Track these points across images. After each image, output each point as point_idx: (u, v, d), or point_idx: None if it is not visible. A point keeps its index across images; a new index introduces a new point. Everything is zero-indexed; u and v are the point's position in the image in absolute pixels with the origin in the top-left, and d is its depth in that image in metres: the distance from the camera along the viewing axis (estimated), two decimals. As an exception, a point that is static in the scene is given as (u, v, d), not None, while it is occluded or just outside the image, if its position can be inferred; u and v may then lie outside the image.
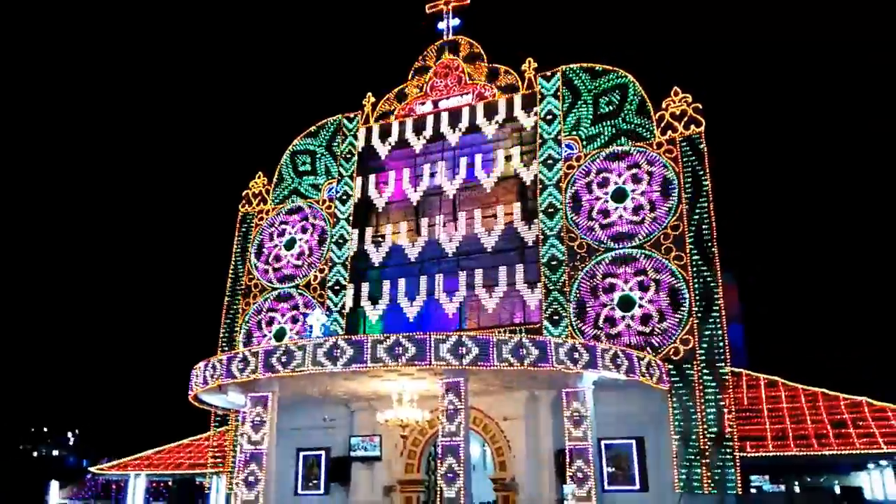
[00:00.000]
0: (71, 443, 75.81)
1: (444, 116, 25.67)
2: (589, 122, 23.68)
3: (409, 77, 26.93)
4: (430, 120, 25.87)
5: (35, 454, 71.24)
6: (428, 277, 24.07)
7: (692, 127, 22.28)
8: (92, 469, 31.98)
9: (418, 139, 25.87)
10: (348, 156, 26.87)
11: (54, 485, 38.32)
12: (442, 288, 23.73)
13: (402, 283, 24.37)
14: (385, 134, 26.55)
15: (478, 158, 24.72)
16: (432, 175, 25.33)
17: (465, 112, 25.39)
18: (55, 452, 73.47)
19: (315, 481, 23.58)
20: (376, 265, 25.13)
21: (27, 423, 69.68)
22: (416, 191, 25.46)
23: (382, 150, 26.45)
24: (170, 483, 34.43)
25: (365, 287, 24.92)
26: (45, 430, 74.35)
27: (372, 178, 26.22)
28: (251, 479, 18.42)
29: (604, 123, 23.46)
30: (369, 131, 26.83)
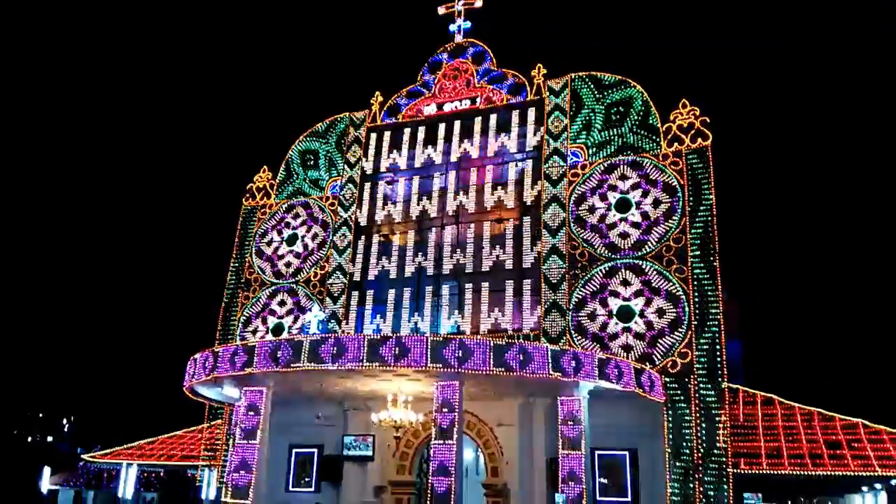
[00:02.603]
0: (66, 430, 75.87)
1: (454, 125, 25.46)
2: (595, 131, 23.62)
3: (418, 78, 26.90)
4: (437, 127, 25.68)
5: (29, 439, 71.27)
6: (428, 286, 23.90)
7: (699, 140, 22.22)
8: (85, 457, 31.97)
9: (424, 147, 25.74)
10: (354, 154, 26.83)
11: (46, 471, 38.29)
12: (441, 297, 23.60)
13: (399, 291, 24.20)
14: (391, 139, 26.41)
15: (482, 170, 24.54)
16: (436, 181, 25.16)
17: (477, 122, 25.17)
18: (49, 438, 73.51)
19: (307, 479, 23.57)
20: (377, 271, 24.93)
21: (22, 409, 69.76)
22: (419, 197, 25.29)
23: (387, 156, 26.27)
24: (161, 474, 34.43)
25: (364, 293, 24.75)
26: (41, 415, 74.41)
27: (379, 184, 26.05)
28: (243, 472, 18.38)
29: (610, 133, 23.40)
30: (380, 136, 26.62)
